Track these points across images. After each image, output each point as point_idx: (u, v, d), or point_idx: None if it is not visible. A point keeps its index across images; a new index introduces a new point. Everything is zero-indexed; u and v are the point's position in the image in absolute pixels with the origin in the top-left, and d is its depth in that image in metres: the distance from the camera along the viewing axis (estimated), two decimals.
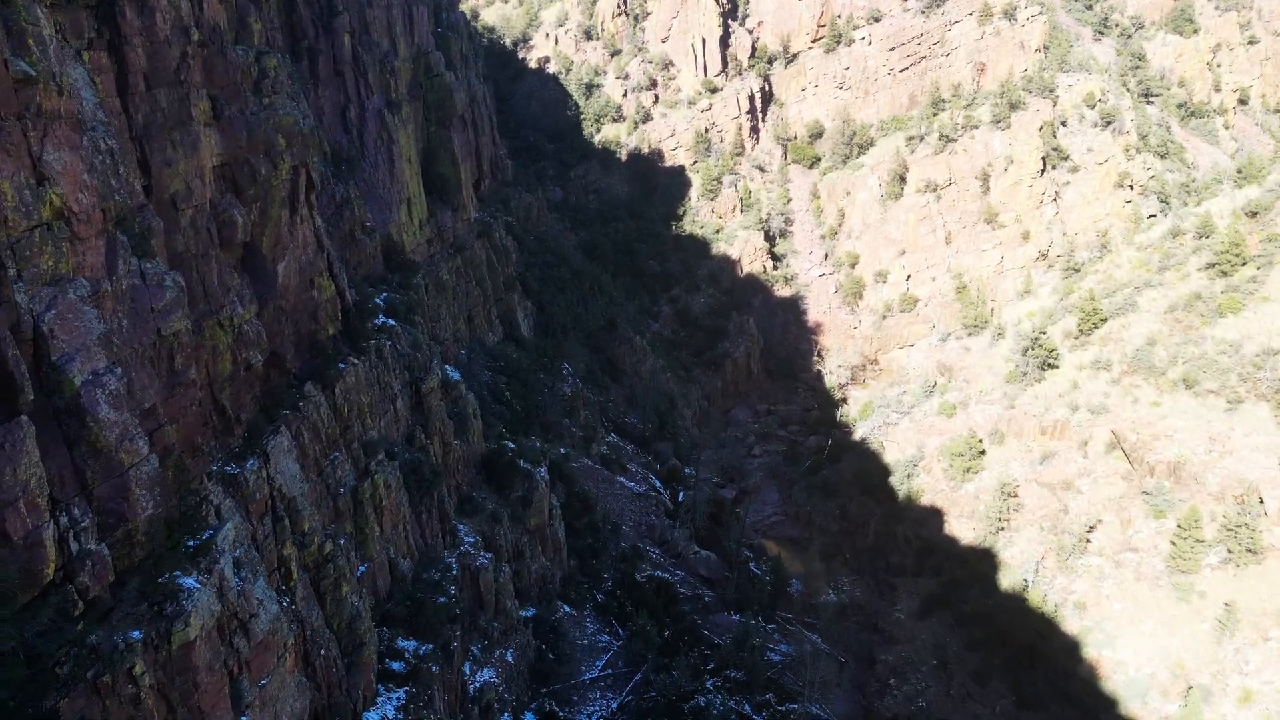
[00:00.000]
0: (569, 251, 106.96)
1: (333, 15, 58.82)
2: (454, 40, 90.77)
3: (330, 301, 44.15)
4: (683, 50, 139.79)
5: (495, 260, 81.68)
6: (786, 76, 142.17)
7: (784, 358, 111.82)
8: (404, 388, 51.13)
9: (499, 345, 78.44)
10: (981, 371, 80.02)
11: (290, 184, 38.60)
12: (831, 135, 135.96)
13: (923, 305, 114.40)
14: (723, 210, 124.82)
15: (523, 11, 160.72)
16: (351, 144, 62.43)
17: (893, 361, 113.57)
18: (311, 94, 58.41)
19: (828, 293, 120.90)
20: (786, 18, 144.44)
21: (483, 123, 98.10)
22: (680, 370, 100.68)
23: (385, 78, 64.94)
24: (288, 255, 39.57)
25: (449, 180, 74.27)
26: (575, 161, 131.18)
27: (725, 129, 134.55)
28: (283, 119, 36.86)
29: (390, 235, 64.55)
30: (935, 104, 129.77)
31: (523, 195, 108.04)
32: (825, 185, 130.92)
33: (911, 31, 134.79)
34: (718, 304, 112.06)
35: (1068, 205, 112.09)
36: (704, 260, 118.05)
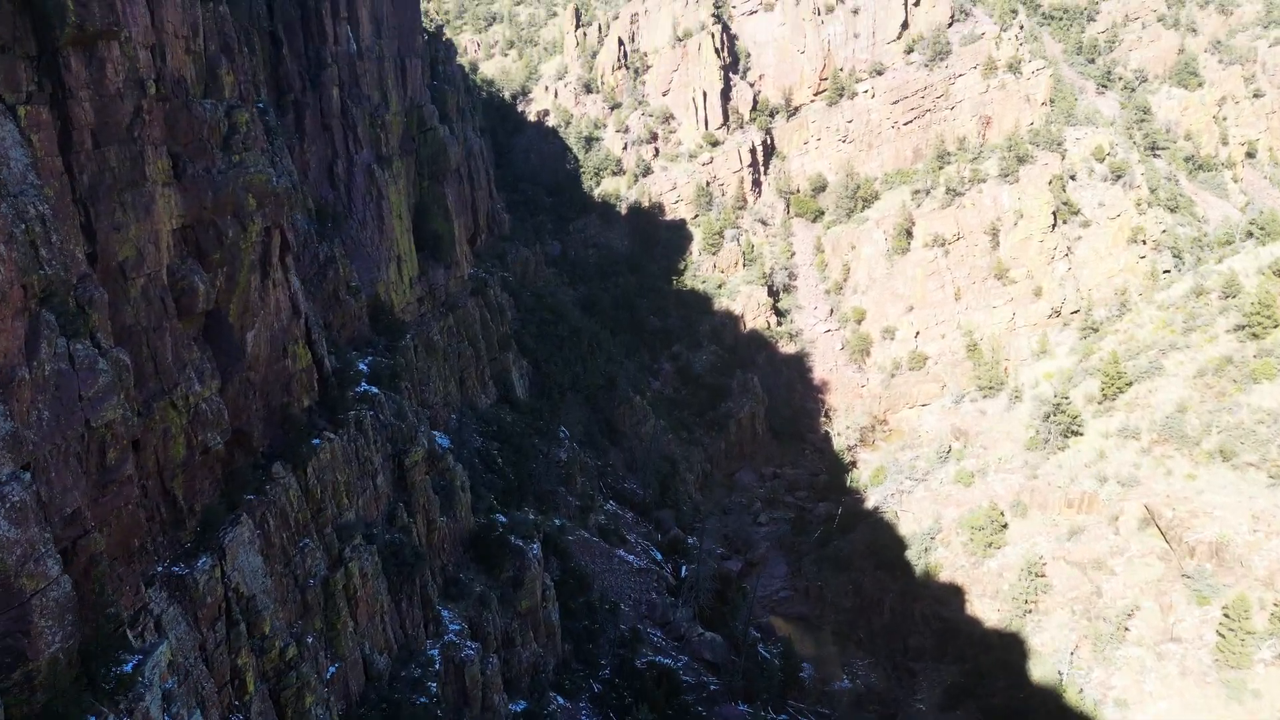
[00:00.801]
0: (567, 307, 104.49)
1: (320, 68, 57.06)
2: (450, 93, 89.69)
3: (306, 371, 41.17)
4: (683, 103, 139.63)
5: (489, 318, 79.01)
6: (788, 129, 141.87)
7: (789, 417, 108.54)
8: (386, 461, 47.81)
9: (492, 408, 75.25)
10: (999, 437, 76.79)
11: (262, 246, 35.91)
12: (835, 188, 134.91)
13: (932, 363, 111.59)
14: (725, 265, 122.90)
15: (522, 65, 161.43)
16: (338, 200, 60.11)
17: (903, 422, 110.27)
18: (297, 149, 56.28)
19: (834, 349, 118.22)
20: (788, 71, 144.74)
21: (479, 176, 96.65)
22: (682, 431, 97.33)
23: (375, 131, 63.04)
24: (258, 323, 36.68)
25: (442, 236, 71.98)
26: (574, 215, 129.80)
27: (727, 182, 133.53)
28: (254, 177, 34.29)
29: (378, 295, 61.88)
30: (940, 157, 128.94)
31: (520, 250, 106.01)
32: (829, 239, 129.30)
33: (915, 85, 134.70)
34: (720, 361, 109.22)
35: (1080, 261, 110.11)
36: (706, 316, 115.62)
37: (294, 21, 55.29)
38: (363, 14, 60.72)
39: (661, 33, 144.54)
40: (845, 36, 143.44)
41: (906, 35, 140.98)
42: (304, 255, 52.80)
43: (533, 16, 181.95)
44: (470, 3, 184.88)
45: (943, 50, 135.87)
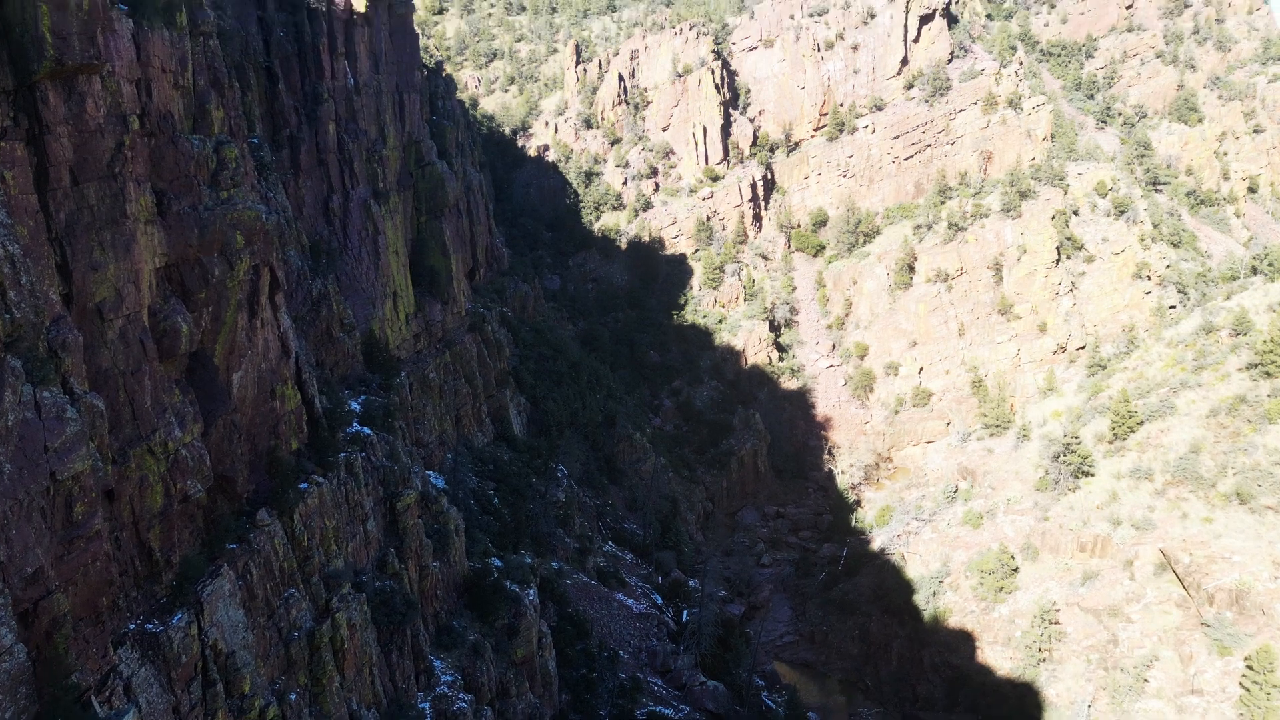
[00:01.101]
0: (566, 343, 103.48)
1: (317, 103, 56.63)
2: (449, 129, 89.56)
3: (295, 413, 39.95)
4: (683, 139, 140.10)
5: (487, 355, 77.91)
6: (789, 164, 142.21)
7: (792, 454, 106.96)
8: (377, 505, 46.36)
9: (489, 446, 73.83)
10: (1007, 477, 75.25)
11: (250, 285, 34.91)
12: (836, 223, 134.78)
13: (937, 400, 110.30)
14: (726, 299, 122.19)
15: (522, 100, 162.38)
16: (334, 235, 59.35)
17: (907, 460, 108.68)
18: (291, 184, 55.66)
19: (836, 385, 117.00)
20: (788, 106, 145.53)
21: (478, 211, 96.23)
22: (683, 469, 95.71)
23: (372, 167, 62.51)
24: (245, 364, 35.55)
25: (439, 272, 71.17)
26: (574, 250, 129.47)
27: (727, 217, 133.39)
28: (243, 214, 33.38)
29: (373, 332, 60.84)
30: (942, 192, 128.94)
31: (519, 285, 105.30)
32: (831, 274, 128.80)
33: (915, 120, 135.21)
34: (722, 397, 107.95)
35: (1085, 296, 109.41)
36: (707, 351, 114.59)
37: (290, 57, 54.97)
38: (361, 50, 60.51)
39: (661, 69, 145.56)
40: (845, 72, 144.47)
41: (906, 71, 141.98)
42: (296, 292, 51.88)
43: (533, 53, 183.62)
44: (471, 39, 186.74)
45: (943, 86, 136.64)
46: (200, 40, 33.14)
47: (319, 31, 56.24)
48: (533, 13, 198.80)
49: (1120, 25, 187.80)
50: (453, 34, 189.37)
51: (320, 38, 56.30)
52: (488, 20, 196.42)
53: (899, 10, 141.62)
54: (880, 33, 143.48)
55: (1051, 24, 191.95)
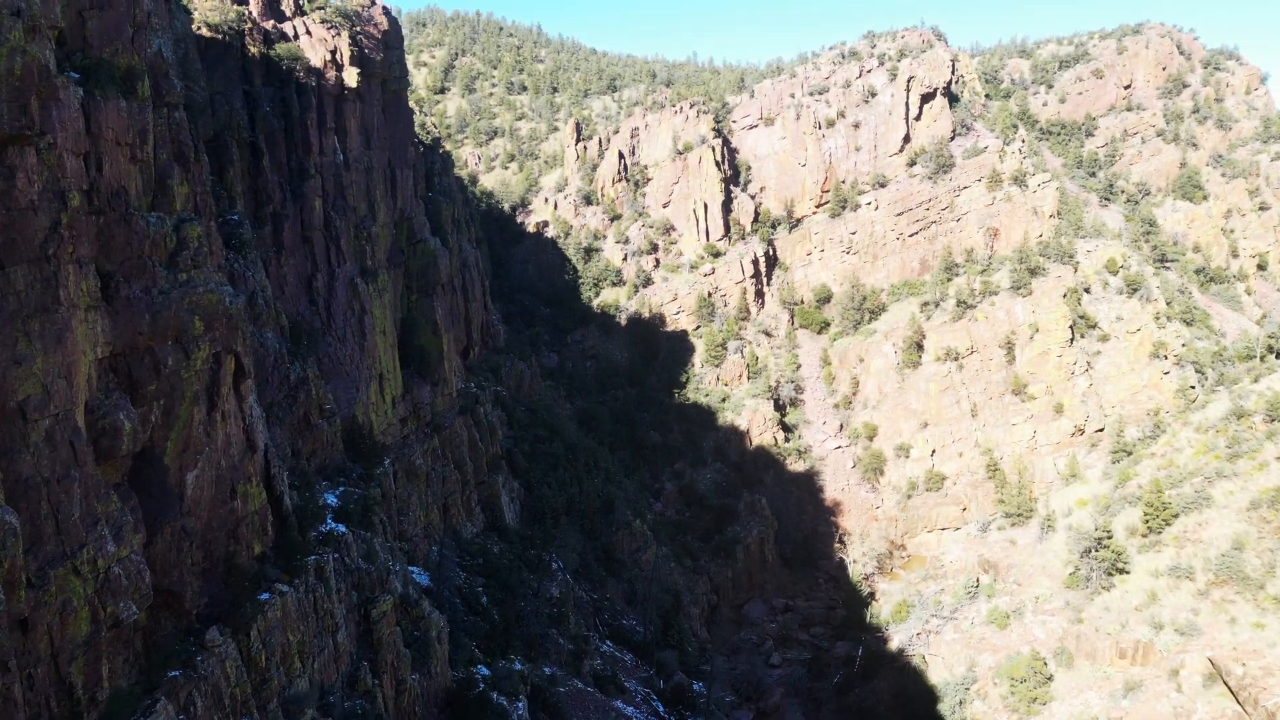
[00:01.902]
0: (563, 423, 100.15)
1: (303, 179, 54.84)
2: (446, 205, 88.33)
3: (259, 513, 36.48)
4: (684, 215, 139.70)
5: (479, 439, 74.55)
6: (791, 241, 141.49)
7: (801, 542, 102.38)
8: (350, 613, 42.38)
9: (478, 537, 69.77)
10: (1033, 571, 70.94)
11: (210, 374, 31.94)
12: (840, 300, 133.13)
13: (951, 484, 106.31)
14: (729, 377, 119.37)
15: (522, 177, 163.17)
16: (317, 316, 56.77)
17: (922, 547, 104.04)
18: (273, 262, 53.36)
19: (845, 467, 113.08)
20: (789, 183, 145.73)
21: (474, 287, 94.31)
22: (686, 558, 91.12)
23: (361, 244, 60.43)
24: (201, 462, 32.29)
25: (429, 352, 68.46)
26: (572, 326, 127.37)
27: (729, 293, 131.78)
28: (203, 297, 30.67)
29: (355, 417, 57.70)
30: (948, 269, 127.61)
31: (515, 363, 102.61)
32: (836, 351, 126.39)
33: (919, 197, 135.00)
34: (726, 480, 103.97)
35: (1101, 376, 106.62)
36: (710, 431, 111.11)
37: (276, 132, 53.41)
38: (351, 124, 59.17)
39: (662, 146, 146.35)
40: (847, 150, 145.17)
41: (909, 148, 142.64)
42: (273, 377, 48.95)
43: (534, 131, 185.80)
44: (472, 117, 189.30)
45: (946, 163, 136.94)
46: (165, 112, 30.98)
47: (307, 106, 54.86)
48: (534, 92, 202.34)
49: (1119, 104, 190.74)
50: (454, 112, 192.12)
51: (309, 113, 54.88)
52: (489, 99, 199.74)
53: (900, 89, 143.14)
54: (881, 111, 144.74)
55: (1050, 103, 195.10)
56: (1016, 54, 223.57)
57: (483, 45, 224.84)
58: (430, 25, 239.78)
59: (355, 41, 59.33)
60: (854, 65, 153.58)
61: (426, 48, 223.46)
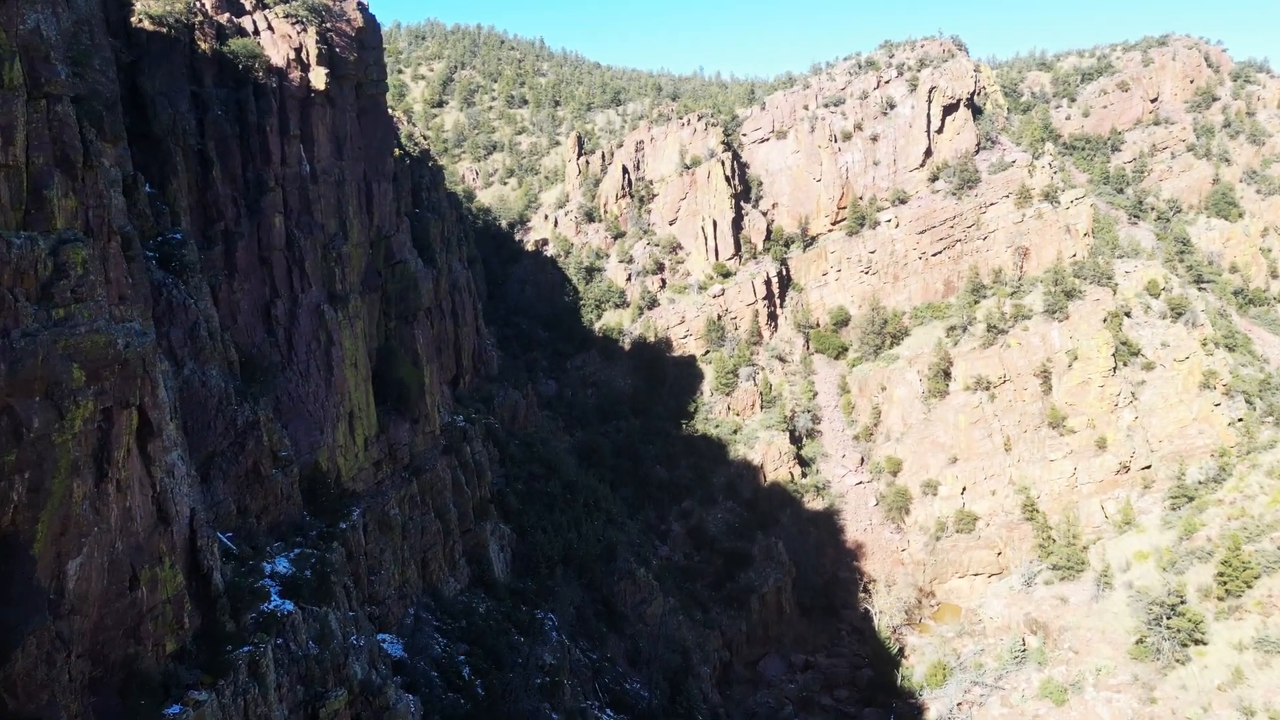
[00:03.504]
0: (561, 458, 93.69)
1: (261, 193, 48.75)
2: (434, 222, 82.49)
3: (173, 601, 29.92)
4: (692, 232, 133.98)
5: (464, 481, 68.09)
6: (805, 260, 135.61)
7: (821, 589, 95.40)
8: (294, 713, 35.73)
9: (462, 595, 63.14)
10: (1091, 636, 64.07)
11: (97, 436, 25.57)
12: (859, 323, 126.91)
13: (984, 525, 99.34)
14: (740, 406, 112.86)
15: (521, 193, 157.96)
16: (275, 348, 50.47)
17: (953, 595, 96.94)
18: (224, 287, 47.14)
19: (867, 505, 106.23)
20: (803, 199, 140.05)
21: (465, 311, 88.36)
22: (696, 610, 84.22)
23: (329, 266, 54.30)
24: (87, 546, 25.86)
25: (408, 386, 62.15)
26: (572, 351, 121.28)
27: (740, 316, 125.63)
28: (84, 339, 24.37)
29: (318, 463, 51.28)
30: (975, 291, 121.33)
31: (509, 392, 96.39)
32: (856, 378, 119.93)
33: (943, 214, 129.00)
34: (738, 521, 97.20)
35: (1147, 408, 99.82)
36: (721, 466, 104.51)
37: (229, 139, 47.38)
38: (319, 131, 53.22)
39: (668, 161, 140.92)
40: (864, 164, 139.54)
41: (930, 163, 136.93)
42: (216, 422, 42.59)
43: (534, 145, 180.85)
44: (470, 131, 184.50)
45: (971, 178, 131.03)
46: (43, 105, 24.79)
47: (266, 110, 48.92)
48: (535, 105, 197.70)
49: (1146, 118, 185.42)
50: (451, 126, 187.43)
51: (268, 117, 48.92)
52: (488, 112, 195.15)
53: (921, 100, 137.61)
54: (901, 123, 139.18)
55: (1073, 117, 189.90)
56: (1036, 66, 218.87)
57: (483, 58, 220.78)
58: (430, 38, 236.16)
59: (324, 39, 53.54)
60: (871, 76, 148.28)
61: (425, 60, 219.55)
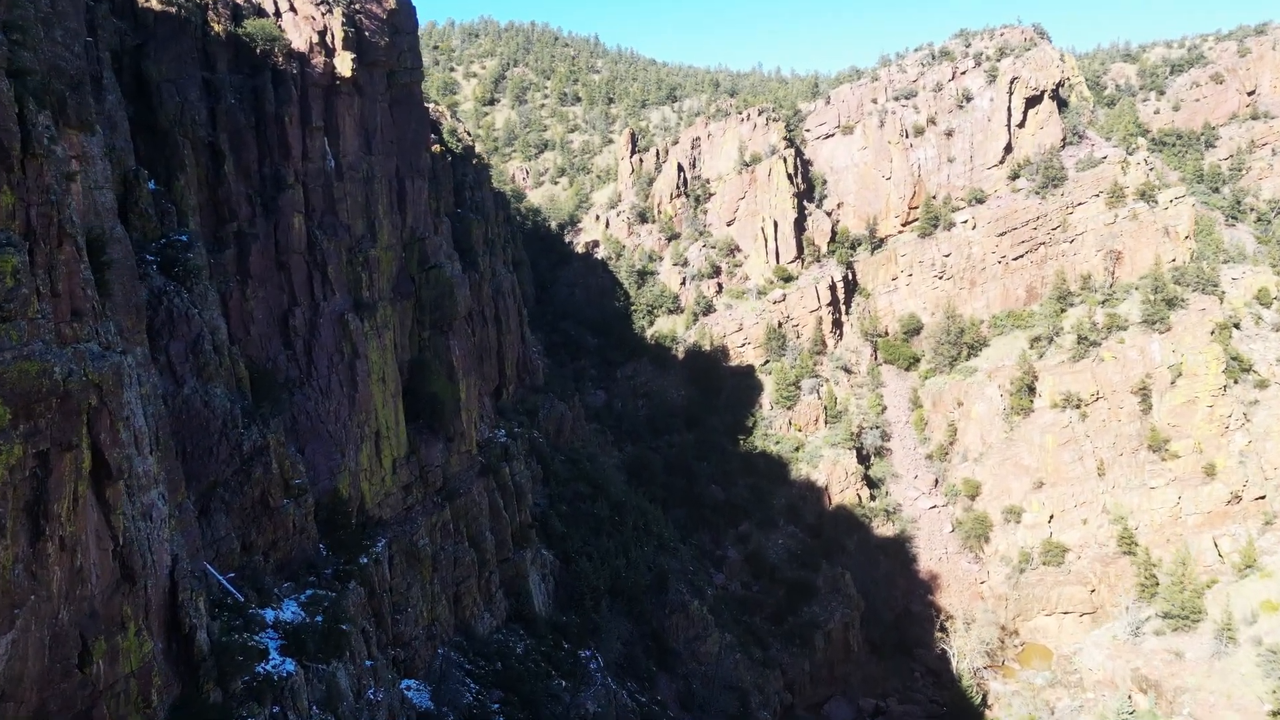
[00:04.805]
0: (609, 476, 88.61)
1: (279, 190, 44.62)
2: (476, 223, 78.34)
3: (139, 674, 25.41)
4: (751, 234, 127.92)
5: (502, 506, 63.35)
6: (873, 264, 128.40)
7: (891, 624, 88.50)
8: None
9: (498, 634, 58.32)
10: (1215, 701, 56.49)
11: (31, 488, 21.05)
12: (932, 331, 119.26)
13: (1074, 557, 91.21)
14: (803, 421, 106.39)
15: (571, 193, 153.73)
16: (293, 362, 46.28)
17: (1038, 634, 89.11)
18: (235, 295, 43.06)
19: (942, 531, 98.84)
20: (871, 199, 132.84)
21: (508, 318, 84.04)
22: (754, 646, 78.19)
23: (355, 271, 50.01)
24: (21, 618, 21.39)
25: (442, 402, 57.60)
26: (623, 359, 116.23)
27: (802, 323, 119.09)
28: (9, 369, 19.80)
29: (338, 490, 46.96)
30: (1061, 298, 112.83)
31: (554, 403, 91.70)
32: (929, 392, 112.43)
33: (1025, 214, 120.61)
34: (801, 547, 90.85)
35: (1261, 431, 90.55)
36: (781, 486, 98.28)
37: (244, 130, 43.36)
38: (345, 123, 48.99)
39: (726, 158, 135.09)
40: (938, 161, 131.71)
41: (1010, 160, 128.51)
42: (219, 448, 38.36)
43: (586, 144, 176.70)
44: (522, 130, 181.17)
45: (1056, 176, 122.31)
46: None
47: (286, 99, 44.83)
48: (588, 103, 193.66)
49: (1242, 113, 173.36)
50: (502, 124, 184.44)
51: (287, 107, 44.82)
52: (540, 110, 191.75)
53: (1001, 93, 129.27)
54: (979, 117, 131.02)
55: (1162, 111, 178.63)
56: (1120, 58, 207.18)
57: (536, 55, 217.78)
58: (483, 35, 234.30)
59: (352, 21, 49.34)
60: (946, 66, 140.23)
61: (478, 58, 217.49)
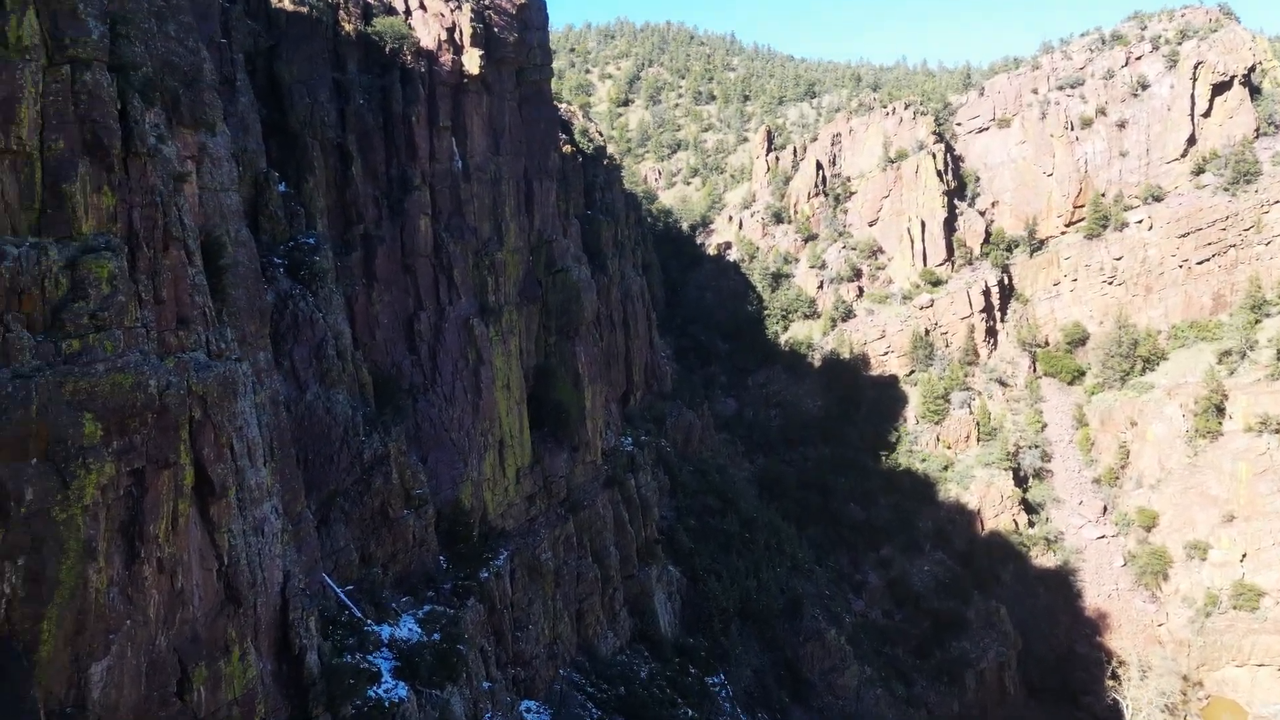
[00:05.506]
0: (739, 489, 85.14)
1: (405, 191, 43.91)
2: (606, 225, 76.79)
3: (239, 703, 24.27)
4: (895, 235, 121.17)
5: (628, 519, 61.19)
6: (1032, 267, 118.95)
7: (1053, 666, 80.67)
8: None
9: (621, 655, 56.07)
10: None
11: (125, 506, 19.98)
12: (1101, 342, 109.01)
13: (1272, 603, 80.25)
14: (952, 438, 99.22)
15: (704, 193, 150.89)
16: (418, 368, 45.49)
17: (1227, 687, 78.97)
18: (361, 298, 42.55)
19: (1112, 565, 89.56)
20: (1031, 196, 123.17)
21: (637, 322, 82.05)
22: (897, 681, 72.76)
23: (481, 274, 48.96)
24: (117, 643, 20.37)
25: (568, 410, 55.95)
26: (755, 366, 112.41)
27: (952, 331, 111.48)
28: (102, 381, 18.73)
29: (460, 501, 45.87)
30: (1256, 308, 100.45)
31: (683, 411, 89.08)
32: (1096, 409, 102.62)
33: (1211, 213, 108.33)
34: (950, 576, 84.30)
35: None
36: (928, 507, 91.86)
37: (372, 131, 42.87)
38: (473, 123, 47.98)
39: (869, 155, 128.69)
40: (1108, 155, 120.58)
41: (1194, 153, 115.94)
42: (340, 456, 37.67)
43: (721, 143, 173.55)
44: (655, 130, 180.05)
45: (1249, 171, 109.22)
46: (66, 73, 19.38)
47: (414, 98, 44.07)
48: (723, 101, 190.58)
49: None
50: (635, 125, 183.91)
51: (415, 106, 44.06)
52: (674, 110, 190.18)
53: (1183, 79, 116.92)
54: (1156, 106, 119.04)
55: None
56: None
57: (671, 55, 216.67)
58: (619, 37, 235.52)
59: (481, 17, 48.34)
60: (1118, 52, 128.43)
61: (613, 59, 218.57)
